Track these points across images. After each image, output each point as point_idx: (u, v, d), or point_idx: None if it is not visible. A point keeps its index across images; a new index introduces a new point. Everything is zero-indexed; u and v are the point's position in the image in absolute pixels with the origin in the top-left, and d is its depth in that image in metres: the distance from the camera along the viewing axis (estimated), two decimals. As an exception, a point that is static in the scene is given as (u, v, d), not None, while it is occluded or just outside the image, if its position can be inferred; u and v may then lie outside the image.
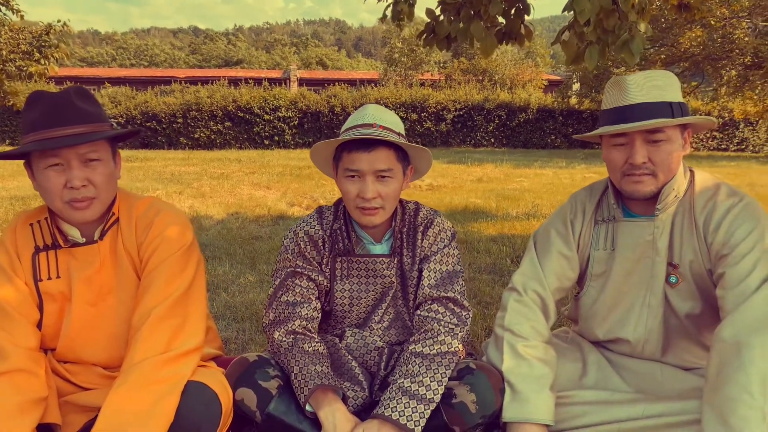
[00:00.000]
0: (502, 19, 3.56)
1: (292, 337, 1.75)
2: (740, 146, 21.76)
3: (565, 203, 1.93)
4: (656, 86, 1.64)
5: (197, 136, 18.66)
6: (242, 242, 5.05)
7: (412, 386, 1.62)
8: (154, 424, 1.41)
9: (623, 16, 2.84)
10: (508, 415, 1.64)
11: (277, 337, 1.76)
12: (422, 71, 29.64)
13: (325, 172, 1.94)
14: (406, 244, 1.88)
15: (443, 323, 1.76)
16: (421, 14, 3.71)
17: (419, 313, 1.80)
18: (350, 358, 1.81)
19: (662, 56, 17.49)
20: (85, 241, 1.67)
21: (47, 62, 11.33)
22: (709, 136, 21.34)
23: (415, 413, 1.58)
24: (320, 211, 1.92)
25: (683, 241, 1.71)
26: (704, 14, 3.53)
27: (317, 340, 1.78)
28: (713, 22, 15.42)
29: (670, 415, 1.60)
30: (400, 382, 1.65)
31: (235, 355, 2.25)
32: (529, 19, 3.64)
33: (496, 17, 3.42)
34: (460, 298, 1.81)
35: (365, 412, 1.71)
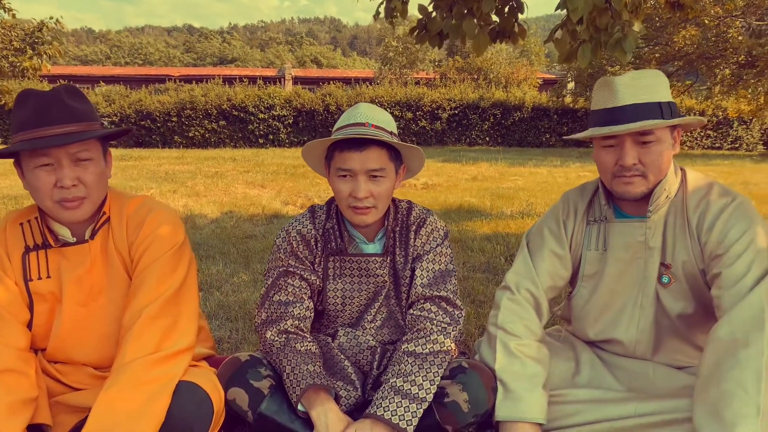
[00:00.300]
0: (495, 17, 3.56)
1: (284, 336, 1.75)
2: (734, 145, 21.84)
3: (557, 202, 1.93)
4: (645, 86, 1.63)
5: (192, 134, 18.61)
6: (236, 241, 5.04)
7: (404, 385, 1.62)
8: (144, 424, 1.41)
9: (616, 14, 2.85)
10: (500, 414, 1.64)
11: (269, 336, 1.76)
12: (417, 70, 29.66)
13: (317, 171, 1.94)
14: (398, 243, 1.88)
15: (436, 322, 1.75)
16: (415, 12, 3.70)
17: (412, 312, 1.80)
18: (343, 357, 1.80)
19: (656, 55, 17.54)
20: (75, 240, 1.66)
21: (40, 59, 11.28)
22: (703, 134, 21.40)
23: (407, 412, 1.58)
24: (312, 210, 1.91)
25: (676, 241, 1.71)
26: (698, 13, 3.54)
27: (309, 339, 1.78)
28: (707, 21, 15.48)
29: (662, 413, 1.60)
30: (392, 381, 1.64)
31: (228, 354, 2.24)
32: (522, 17, 3.64)
33: (489, 15, 3.42)
34: (452, 297, 1.81)
35: (358, 411, 1.71)
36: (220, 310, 3.28)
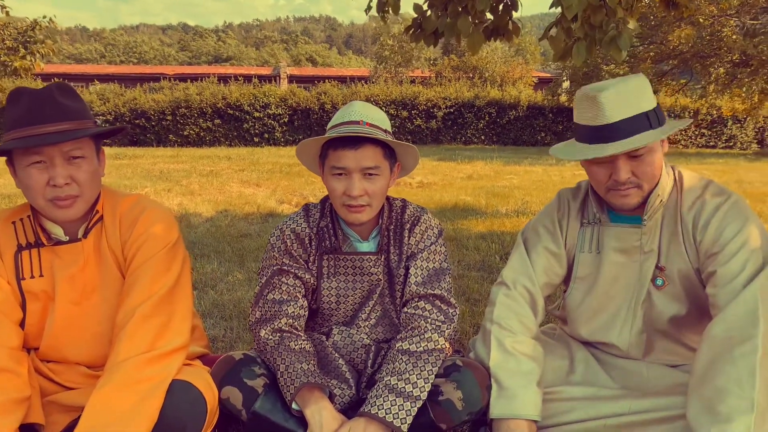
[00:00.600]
0: (490, 15, 3.56)
1: (278, 335, 1.75)
2: (728, 143, 21.91)
3: (552, 200, 1.93)
4: (629, 99, 1.58)
5: (186, 133, 18.55)
6: (231, 240, 5.03)
7: (398, 384, 1.62)
8: (138, 423, 1.40)
9: (610, 12, 2.85)
10: (495, 411, 1.63)
11: (263, 335, 1.75)
12: (413, 68, 29.65)
13: (311, 169, 1.93)
14: (393, 241, 1.87)
15: (430, 320, 1.75)
16: (407, 8, 3.70)
17: (406, 310, 1.79)
18: (337, 356, 1.80)
19: (651, 54, 17.59)
20: (68, 239, 1.66)
21: (33, 58, 11.24)
22: (697, 133, 21.47)
23: (401, 411, 1.58)
24: (307, 208, 1.91)
25: (670, 243, 1.71)
26: (692, 12, 3.54)
27: (304, 338, 1.78)
28: (701, 20, 15.51)
29: (655, 410, 1.61)
30: (386, 379, 1.64)
31: (222, 353, 2.23)
32: (517, 15, 3.64)
33: (483, 13, 3.41)
34: (447, 295, 1.81)
35: (352, 410, 1.70)
36: (214, 308, 3.27)
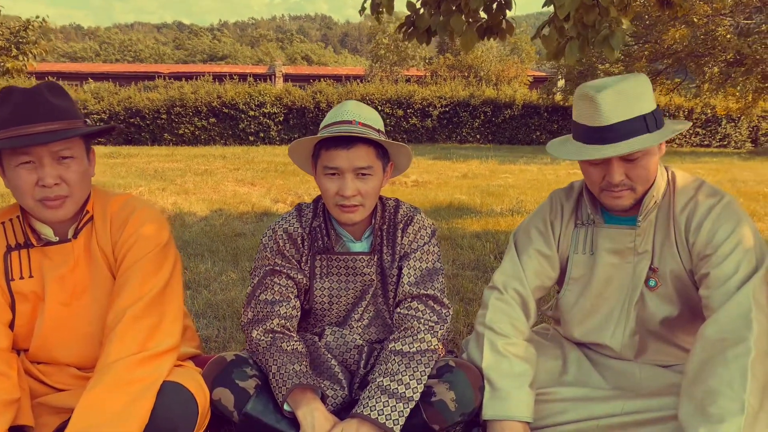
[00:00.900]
0: (483, 13, 3.55)
1: (270, 335, 1.74)
2: (722, 142, 21.98)
3: (544, 202, 1.92)
4: (628, 101, 1.57)
5: (181, 132, 18.50)
6: (225, 239, 5.01)
7: (391, 385, 1.61)
8: (128, 425, 1.39)
9: (603, 11, 2.84)
10: (488, 412, 1.63)
11: (255, 335, 1.74)
12: (408, 67, 29.64)
13: (304, 169, 1.92)
14: (386, 241, 1.87)
15: (423, 321, 1.75)
16: (401, 8, 3.69)
17: (399, 310, 1.79)
18: (330, 356, 1.79)
19: (646, 53, 17.63)
20: (58, 239, 1.64)
21: (25, 58, 11.19)
22: (691, 132, 21.53)
23: (394, 412, 1.57)
24: (299, 208, 1.90)
25: (663, 243, 1.70)
26: (686, 11, 3.55)
27: (296, 338, 1.77)
28: (696, 19, 15.56)
29: (648, 411, 1.61)
30: (379, 380, 1.64)
31: (216, 353, 2.22)
32: (511, 14, 3.63)
33: (477, 11, 3.41)
34: (440, 295, 1.80)
35: (345, 411, 1.69)
36: (208, 308, 3.26)
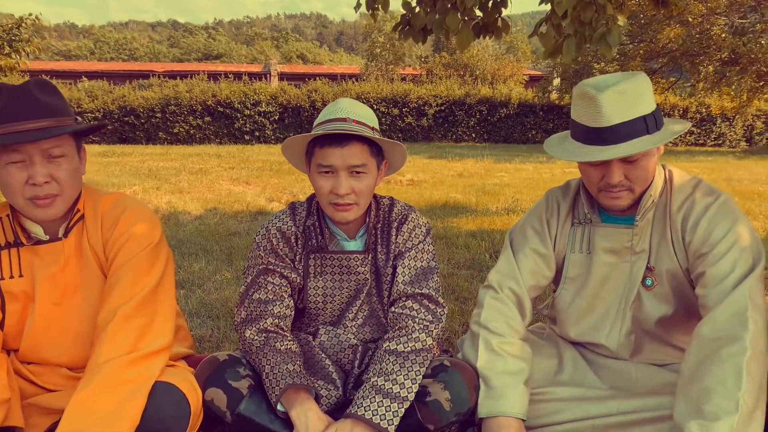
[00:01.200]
0: (479, 12, 3.53)
1: (263, 335, 1.72)
2: (717, 141, 22.05)
3: (540, 200, 1.91)
4: (629, 101, 1.55)
5: (176, 131, 18.45)
6: (219, 238, 4.99)
7: (386, 384, 1.60)
8: (119, 426, 1.37)
9: (600, 9, 2.84)
10: (483, 411, 1.62)
11: (248, 335, 1.73)
12: (403, 66, 29.61)
13: (297, 167, 1.90)
14: (380, 240, 1.85)
15: (418, 320, 1.73)
16: (398, 6, 3.67)
17: (394, 310, 1.77)
18: (324, 356, 1.78)
19: (641, 52, 17.67)
20: (48, 238, 1.62)
21: (18, 56, 11.13)
22: (687, 131, 21.59)
23: (388, 412, 1.56)
24: (293, 207, 1.88)
25: (660, 242, 1.70)
26: (681, 10, 3.54)
27: (290, 338, 1.75)
28: (691, 18, 15.60)
29: (644, 411, 1.60)
30: (373, 380, 1.62)
31: (209, 353, 2.21)
32: (507, 12, 3.62)
33: (472, 9, 3.39)
34: (434, 294, 1.79)
35: (339, 411, 1.68)
36: (201, 308, 3.24)
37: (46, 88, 1.56)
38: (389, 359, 1.66)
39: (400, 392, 1.59)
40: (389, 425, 1.54)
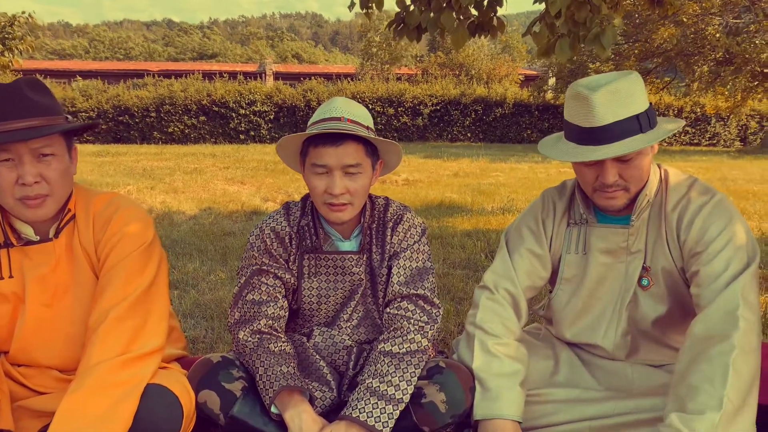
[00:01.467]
0: (474, 10, 3.52)
1: (257, 336, 1.70)
2: (712, 141, 22.13)
3: (536, 200, 1.90)
4: (622, 101, 1.54)
5: (171, 130, 18.40)
6: (214, 238, 4.97)
7: (380, 386, 1.59)
8: (111, 428, 1.36)
9: (595, 8, 2.82)
10: (478, 413, 1.61)
11: (242, 336, 1.71)
12: (399, 65, 29.60)
13: (292, 167, 1.89)
14: (375, 240, 1.84)
15: (413, 321, 1.72)
16: (392, 6, 3.65)
17: (389, 310, 1.76)
18: (318, 357, 1.76)
19: (636, 51, 17.70)
20: (39, 239, 1.60)
21: (11, 54, 11.08)
22: (682, 131, 21.66)
23: (383, 414, 1.54)
24: (287, 206, 1.87)
25: (655, 242, 1.69)
26: (677, 9, 3.54)
27: (284, 339, 1.73)
28: (685, 18, 15.63)
29: (640, 412, 1.59)
30: (368, 382, 1.61)
31: (203, 354, 2.19)
32: (502, 12, 3.61)
33: (468, 8, 3.38)
34: (430, 295, 1.77)
35: (334, 413, 1.66)
36: (196, 308, 3.22)
37: (36, 86, 1.54)
38: (384, 361, 1.64)
39: (395, 394, 1.58)
40: (384, 427, 1.53)
